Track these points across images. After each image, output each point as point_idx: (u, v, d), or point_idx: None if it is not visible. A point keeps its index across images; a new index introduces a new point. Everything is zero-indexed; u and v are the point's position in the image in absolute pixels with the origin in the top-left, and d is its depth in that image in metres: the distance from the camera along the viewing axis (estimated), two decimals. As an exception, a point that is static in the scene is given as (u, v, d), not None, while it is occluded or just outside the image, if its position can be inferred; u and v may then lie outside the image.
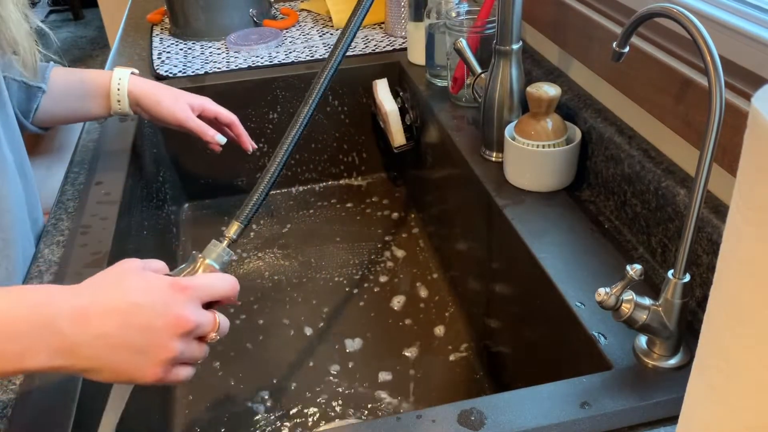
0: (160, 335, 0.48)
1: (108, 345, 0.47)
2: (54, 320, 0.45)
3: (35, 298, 0.46)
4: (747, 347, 0.30)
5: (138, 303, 0.48)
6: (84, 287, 0.49)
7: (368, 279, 1.06)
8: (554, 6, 0.88)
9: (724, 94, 0.48)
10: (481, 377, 0.88)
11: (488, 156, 0.88)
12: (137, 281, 0.50)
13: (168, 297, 0.49)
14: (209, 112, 0.92)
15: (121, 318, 0.47)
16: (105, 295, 0.48)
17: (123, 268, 0.51)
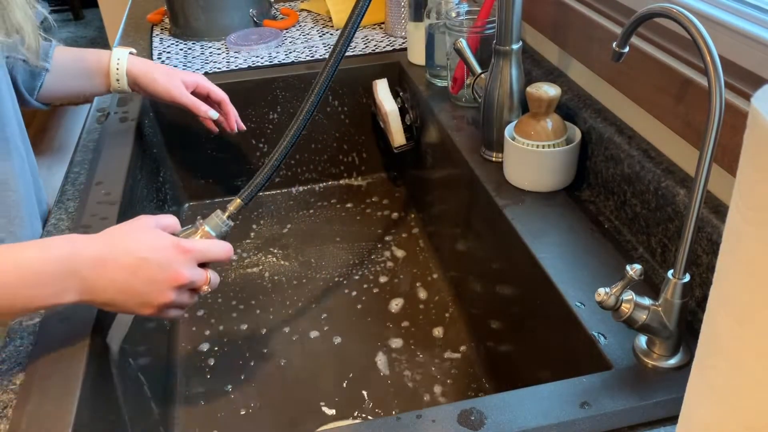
0: (160, 286, 0.60)
1: (118, 289, 0.59)
2: (79, 269, 0.57)
3: (63, 250, 0.56)
4: (747, 347, 0.30)
5: (146, 258, 0.59)
6: (103, 239, 0.60)
7: (368, 279, 1.06)
8: (554, 6, 0.88)
9: (723, 94, 0.48)
10: (481, 377, 0.88)
11: (488, 156, 0.88)
12: (148, 239, 0.60)
13: (171, 256, 0.61)
14: (202, 88, 0.97)
15: (131, 269, 0.58)
16: (119, 248, 0.59)
17: (139, 224, 0.62)
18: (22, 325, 0.66)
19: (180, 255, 0.61)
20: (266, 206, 1.24)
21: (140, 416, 0.74)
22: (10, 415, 0.56)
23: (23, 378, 0.60)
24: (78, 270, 0.56)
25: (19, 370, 0.61)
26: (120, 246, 0.59)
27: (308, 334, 0.97)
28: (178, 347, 0.95)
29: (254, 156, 1.24)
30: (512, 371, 0.82)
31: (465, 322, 0.96)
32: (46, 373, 0.60)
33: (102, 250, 0.58)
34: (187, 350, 0.95)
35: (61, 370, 0.60)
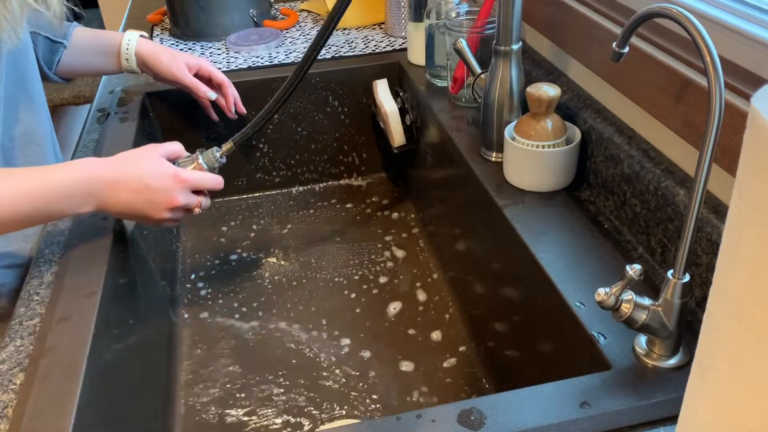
0: (159, 207, 0.74)
1: (125, 206, 0.72)
2: (97, 190, 0.70)
3: (86, 173, 0.69)
4: (747, 347, 0.30)
5: (149, 185, 0.72)
6: (116, 165, 0.72)
7: (368, 279, 1.06)
8: (554, 6, 0.88)
9: (723, 94, 0.48)
10: (481, 377, 0.88)
11: (488, 156, 0.88)
12: (152, 167, 0.73)
13: (170, 184, 0.74)
14: (204, 71, 1.04)
15: (136, 192, 0.72)
16: (128, 174, 0.72)
17: (146, 152, 0.75)
18: (22, 325, 0.66)
19: (177, 183, 0.75)
20: (266, 206, 1.24)
21: (140, 416, 0.74)
22: (10, 415, 0.56)
23: (23, 378, 0.60)
24: (96, 190, 0.70)
25: (19, 370, 0.61)
26: (129, 172, 0.72)
27: (308, 334, 0.97)
28: (178, 347, 0.95)
29: (254, 156, 1.24)
30: (512, 371, 0.82)
31: (465, 323, 0.96)
32: (46, 372, 0.60)
33: (115, 174, 0.71)
34: (187, 350, 0.95)
35: (62, 368, 0.60)
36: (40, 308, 0.68)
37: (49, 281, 0.72)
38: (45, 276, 0.73)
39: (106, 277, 0.71)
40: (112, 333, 0.69)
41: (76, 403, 0.57)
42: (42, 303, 0.69)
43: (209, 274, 1.09)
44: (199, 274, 1.08)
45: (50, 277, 0.73)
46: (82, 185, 0.69)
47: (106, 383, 0.65)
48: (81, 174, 0.69)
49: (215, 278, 1.08)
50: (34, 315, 0.67)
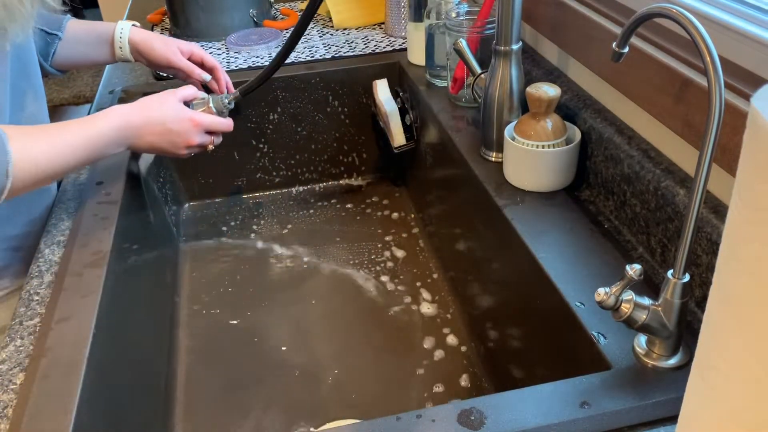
0: (178, 146, 0.87)
1: (150, 146, 0.85)
2: (128, 135, 0.81)
3: (118, 122, 0.80)
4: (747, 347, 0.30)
5: (171, 129, 0.85)
6: (142, 112, 0.83)
7: (367, 280, 1.06)
8: (554, 6, 0.88)
9: (723, 94, 0.48)
10: (481, 377, 0.88)
11: (488, 156, 0.89)
12: (172, 112, 0.85)
13: (188, 127, 0.87)
14: (197, 56, 1.05)
15: (159, 134, 0.84)
16: (152, 119, 0.83)
17: (166, 98, 0.86)
18: (22, 325, 0.66)
19: (193, 126, 0.87)
20: (266, 206, 1.24)
21: (140, 416, 0.74)
22: (10, 415, 0.56)
23: (23, 378, 0.60)
24: (127, 135, 0.81)
25: (19, 370, 0.61)
26: (153, 117, 0.83)
27: (309, 334, 0.96)
28: (177, 347, 0.95)
29: (254, 156, 1.24)
30: (512, 371, 0.82)
31: (465, 322, 0.96)
32: (46, 372, 0.60)
33: (141, 120, 0.82)
34: (187, 350, 0.95)
35: (62, 368, 0.60)
36: (40, 308, 0.68)
37: (49, 281, 0.72)
38: (45, 276, 0.73)
39: (106, 277, 0.72)
40: (112, 333, 0.69)
41: (76, 403, 0.57)
42: (42, 303, 0.69)
43: (209, 274, 1.09)
44: (198, 275, 1.08)
45: (50, 277, 0.73)
46: (116, 133, 0.80)
47: (106, 383, 0.65)
48: (115, 123, 0.79)
49: (215, 278, 1.08)
50: (34, 315, 0.67)
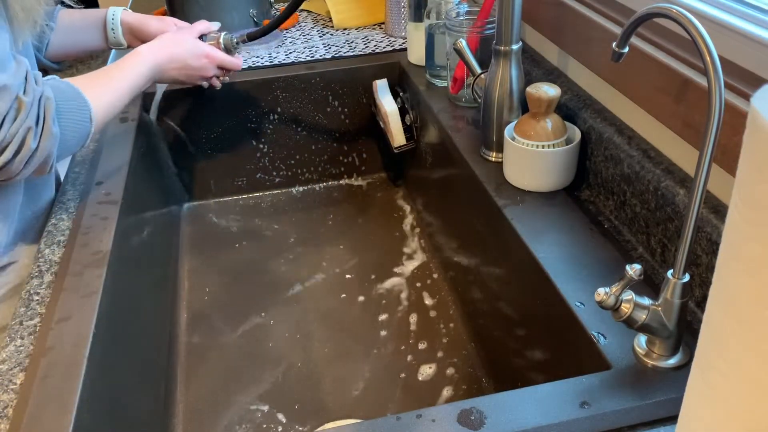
0: (195, 78, 1.00)
1: (171, 78, 0.97)
2: (156, 72, 0.93)
3: (150, 62, 0.91)
4: (746, 347, 0.30)
5: (189, 64, 0.97)
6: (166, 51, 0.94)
7: (368, 279, 1.06)
8: (554, 6, 0.88)
9: (723, 94, 0.48)
10: (481, 377, 0.88)
11: (488, 156, 0.89)
12: (191, 49, 0.97)
13: (204, 62, 0.99)
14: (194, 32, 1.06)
15: (179, 68, 0.96)
16: (174, 56, 0.95)
17: (184, 38, 0.98)
18: (22, 325, 0.66)
19: (208, 62, 0.99)
20: (266, 206, 1.24)
21: (140, 416, 0.75)
22: (10, 414, 0.56)
23: (23, 378, 0.60)
24: (156, 72, 0.93)
25: (20, 370, 0.61)
26: (174, 54, 0.95)
27: (308, 334, 0.97)
28: (178, 347, 0.95)
29: (254, 156, 1.24)
30: (512, 371, 0.82)
31: (465, 322, 0.96)
32: (46, 372, 0.60)
33: (166, 58, 0.94)
34: (187, 350, 0.95)
35: (62, 368, 0.60)
36: (40, 308, 0.68)
37: (49, 281, 0.72)
38: (45, 276, 0.73)
39: (106, 277, 0.72)
40: (112, 333, 0.69)
41: (76, 403, 0.57)
42: (42, 303, 0.69)
43: (209, 274, 1.09)
44: (198, 275, 1.08)
45: (50, 277, 0.73)
46: (149, 71, 0.91)
47: (106, 383, 0.65)
48: (151, 65, 0.91)
49: (215, 278, 1.08)
50: (34, 315, 0.67)
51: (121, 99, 0.86)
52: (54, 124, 0.73)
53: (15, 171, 0.71)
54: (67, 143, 0.77)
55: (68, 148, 0.78)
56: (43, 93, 0.72)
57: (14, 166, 0.70)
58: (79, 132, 0.78)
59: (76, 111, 0.77)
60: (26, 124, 0.69)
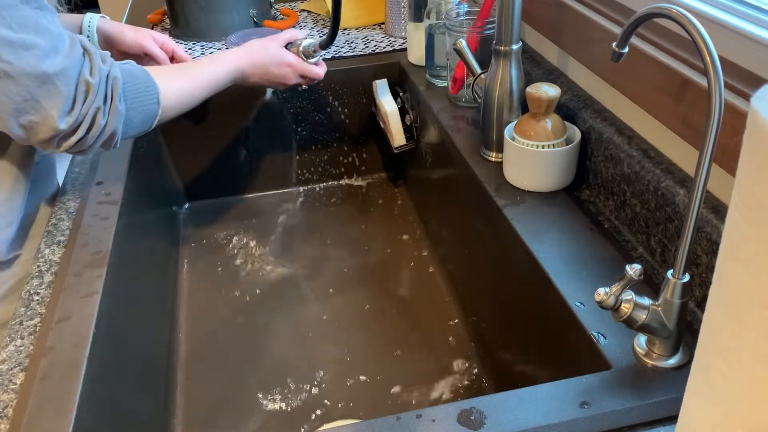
0: (277, 83, 1.02)
1: (254, 84, 1.01)
2: (238, 77, 0.97)
3: (233, 66, 0.95)
4: (746, 347, 0.30)
5: (271, 71, 1.00)
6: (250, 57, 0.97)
7: (368, 280, 1.06)
8: (554, 6, 0.88)
9: (723, 94, 0.48)
10: (481, 377, 0.88)
11: (488, 156, 0.89)
12: (275, 59, 0.99)
13: (286, 71, 1.01)
14: (168, 47, 1.08)
15: (262, 75, 0.99)
16: (257, 63, 0.98)
17: (269, 45, 1.00)
18: (22, 325, 0.66)
19: (291, 71, 1.01)
20: (266, 206, 1.24)
21: (140, 416, 0.74)
22: (10, 414, 0.56)
23: (23, 378, 0.60)
24: (238, 77, 0.97)
25: (20, 370, 0.61)
26: (257, 62, 0.98)
27: (308, 335, 0.97)
28: (178, 347, 0.95)
29: (254, 156, 1.23)
30: (512, 371, 0.82)
31: (465, 322, 0.96)
32: (46, 372, 0.60)
33: (248, 65, 0.97)
34: (188, 351, 0.95)
35: (62, 368, 0.60)
36: (40, 308, 0.68)
37: (49, 281, 0.72)
38: (45, 276, 0.73)
39: (106, 277, 0.72)
40: (112, 333, 0.69)
41: (76, 403, 0.57)
42: (42, 303, 0.69)
43: (209, 274, 1.09)
44: (198, 275, 1.08)
45: (50, 277, 0.73)
46: (229, 76, 0.95)
47: (106, 383, 0.65)
48: (231, 68, 0.95)
49: (215, 278, 1.08)
50: (34, 315, 0.67)
51: (194, 91, 0.89)
52: (120, 102, 0.76)
53: (87, 146, 0.75)
54: (132, 122, 0.79)
55: (133, 126, 0.80)
56: (110, 72, 0.75)
57: (87, 141, 0.74)
58: (145, 113, 0.81)
59: (144, 92, 0.80)
60: (95, 104, 0.73)
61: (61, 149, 0.74)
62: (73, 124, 0.72)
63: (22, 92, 0.68)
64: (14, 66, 0.66)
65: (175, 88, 0.86)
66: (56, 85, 0.69)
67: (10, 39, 0.66)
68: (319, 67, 1.04)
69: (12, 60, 0.66)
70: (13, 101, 0.68)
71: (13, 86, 0.67)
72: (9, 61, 0.66)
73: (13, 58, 0.66)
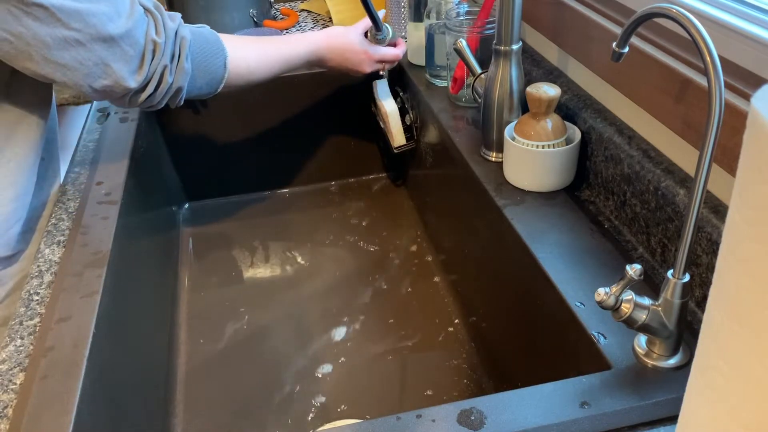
0: (353, 70, 1.04)
1: (331, 68, 1.04)
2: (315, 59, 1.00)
3: (312, 47, 0.98)
4: (747, 347, 0.30)
5: (348, 58, 1.02)
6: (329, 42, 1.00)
7: (367, 280, 1.06)
8: (554, 6, 0.88)
9: (723, 94, 0.48)
10: (481, 377, 0.88)
11: (488, 156, 0.88)
12: (352, 45, 1.02)
13: (363, 58, 1.03)
14: None
15: (340, 62, 1.02)
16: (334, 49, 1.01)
17: (348, 32, 1.02)
18: (22, 325, 0.66)
19: (367, 58, 1.04)
20: (266, 206, 1.24)
21: (140, 416, 0.74)
22: (10, 415, 0.56)
23: (23, 378, 0.60)
24: (315, 59, 1.00)
25: (19, 370, 0.61)
26: (334, 47, 1.00)
27: (308, 335, 0.97)
28: (178, 346, 0.95)
29: (254, 156, 1.24)
30: (512, 371, 0.82)
31: (465, 323, 0.96)
32: (46, 372, 0.60)
33: (326, 49, 1.00)
34: (187, 349, 0.95)
35: (62, 368, 0.60)
36: (40, 308, 0.68)
37: (49, 281, 0.72)
38: (45, 276, 0.73)
39: (106, 277, 0.72)
40: (112, 333, 0.69)
41: (76, 403, 0.57)
42: (42, 303, 0.69)
43: (208, 274, 1.09)
44: (198, 275, 1.08)
45: (50, 277, 0.73)
46: (308, 56, 0.98)
47: (106, 383, 0.65)
48: (308, 49, 0.98)
49: (214, 278, 1.08)
50: (34, 315, 0.67)
51: (266, 62, 0.92)
52: (187, 61, 0.79)
53: (156, 101, 0.79)
54: (196, 83, 0.83)
55: (198, 87, 0.84)
56: (177, 31, 0.78)
57: (155, 98, 0.79)
58: (212, 74, 0.84)
59: (211, 54, 0.84)
60: (163, 62, 0.76)
61: (133, 105, 0.79)
62: (143, 82, 0.75)
63: (93, 57, 0.71)
64: (83, 33, 0.69)
65: (248, 56, 0.89)
66: (122, 47, 0.72)
67: (77, 8, 0.68)
68: (398, 48, 1.08)
69: (81, 27, 0.69)
70: (86, 66, 0.71)
71: (84, 52, 0.70)
72: (78, 29, 0.69)
73: (82, 26, 0.69)
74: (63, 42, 0.69)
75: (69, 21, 0.68)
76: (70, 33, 0.68)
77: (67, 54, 0.70)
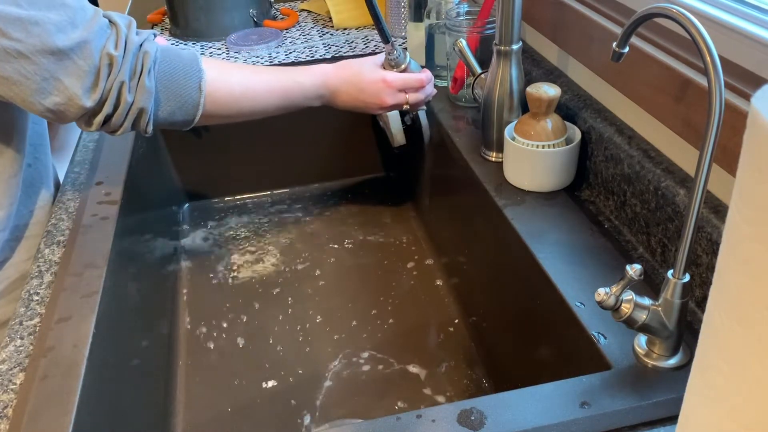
0: (371, 106, 0.92)
1: (345, 104, 0.91)
2: (325, 94, 0.89)
3: (320, 80, 0.88)
4: (747, 347, 0.30)
5: (363, 89, 0.89)
6: (340, 75, 0.89)
7: (367, 280, 1.06)
8: (554, 6, 0.88)
9: (723, 94, 0.48)
10: (481, 377, 0.88)
11: (488, 156, 0.89)
12: (367, 76, 0.89)
13: (380, 88, 0.89)
14: None
15: (354, 96, 0.90)
16: (347, 82, 0.89)
17: (365, 62, 0.91)
18: (22, 325, 0.66)
19: (385, 87, 0.89)
20: (266, 206, 1.24)
21: (140, 416, 0.74)
22: (10, 415, 0.56)
23: (23, 378, 0.60)
24: (324, 94, 0.89)
25: (19, 370, 0.61)
26: (348, 80, 0.89)
27: (309, 335, 0.97)
28: (178, 346, 0.95)
29: (254, 156, 1.23)
30: (512, 371, 0.82)
31: (465, 322, 0.96)
32: (46, 372, 0.60)
33: (338, 81, 0.89)
34: (187, 349, 0.95)
35: (62, 368, 0.60)
36: (40, 308, 0.68)
37: (49, 281, 0.72)
38: (45, 276, 0.73)
39: (106, 277, 0.72)
40: (112, 333, 0.69)
41: (76, 403, 0.57)
42: (42, 303, 0.69)
43: (208, 274, 1.09)
44: (198, 274, 1.08)
45: (50, 277, 0.73)
46: (316, 89, 0.88)
47: (106, 383, 0.65)
48: (316, 80, 0.88)
49: (215, 278, 1.08)
50: (34, 315, 0.67)
51: (260, 94, 0.83)
52: (149, 77, 0.72)
53: (117, 124, 0.73)
54: (165, 106, 0.75)
55: (169, 112, 0.76)
56: (142, 47, 0.72)
57: (116, 120, 0.72)
58: (183, 98, 0.76)
59: (183, 75, 0.76)
60: (120, 78, 0.69)
61: (93, 128, 0.72)
62: (99, 100, 0.69)
63: (40, 71, 0.65)
64: (25, 43, 0.64)
65: (231, 81, 0.80)
66: (73, 60, 0.66)
67: (18, 16, 0.63)
68: (422, 73, 0.92)
69: (22, 38, 0.64)
70: (32, 81, 0.66)
71: (28, 65, 0.65)
72: (19, 38, 0.64)
73: (23, 36, 0.64)
74: (2, 53, 0.64)
75: (8, 30, 0.63)
76: (11, 43, 0.63)
77: (9, 66, 0.64)
